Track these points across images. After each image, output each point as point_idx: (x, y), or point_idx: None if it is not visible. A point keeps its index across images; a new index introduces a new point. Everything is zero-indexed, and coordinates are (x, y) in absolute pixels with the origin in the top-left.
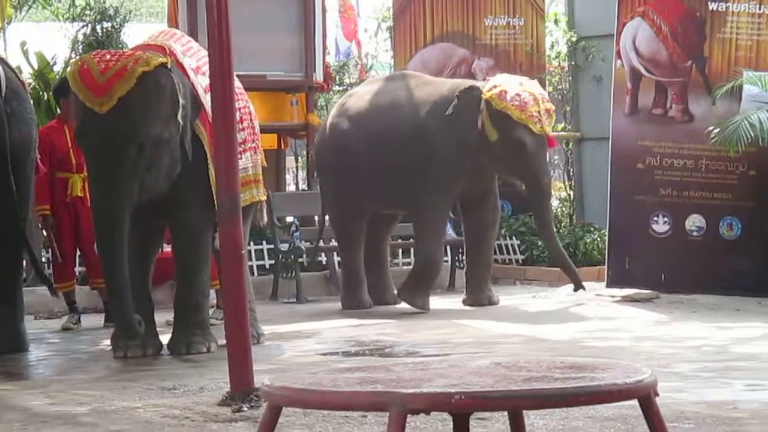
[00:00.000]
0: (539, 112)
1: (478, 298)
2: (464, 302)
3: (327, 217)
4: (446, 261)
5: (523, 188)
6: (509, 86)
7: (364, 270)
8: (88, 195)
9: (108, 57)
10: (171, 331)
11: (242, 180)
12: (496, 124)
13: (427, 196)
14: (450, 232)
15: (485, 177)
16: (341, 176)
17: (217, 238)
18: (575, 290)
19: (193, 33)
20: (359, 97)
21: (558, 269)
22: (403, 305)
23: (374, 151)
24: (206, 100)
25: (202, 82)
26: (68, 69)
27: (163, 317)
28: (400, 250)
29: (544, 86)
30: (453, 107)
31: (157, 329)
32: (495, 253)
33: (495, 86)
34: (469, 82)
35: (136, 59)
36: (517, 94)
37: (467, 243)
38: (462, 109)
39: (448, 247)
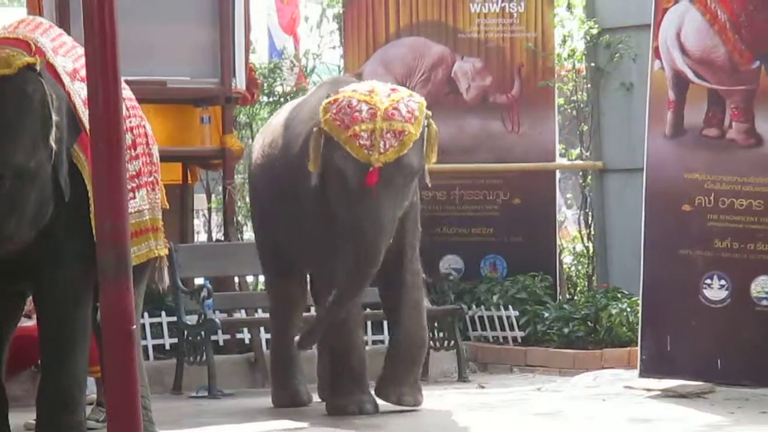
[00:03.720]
0: (373, 131)
1: (388, 391)
2: (376, 392)
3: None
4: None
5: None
6: (347, 93)
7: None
8: None
9: None
10: None
11: (135, 228)
12: (322, 149)
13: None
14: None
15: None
16: (273, 221)
17: (98, 309)
18: None
19: (63, 23)
20: (282, 114)
21: (574, 351)
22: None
23: (277, 189)
24: (87, 117)
25: (80, 92)
26: None
27: (22, 418)
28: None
29: (552, 96)
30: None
31: None
32: (485, 329)
33: (336, 93)
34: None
35: None
36: (348, 105)
37: (386, 314)
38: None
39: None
